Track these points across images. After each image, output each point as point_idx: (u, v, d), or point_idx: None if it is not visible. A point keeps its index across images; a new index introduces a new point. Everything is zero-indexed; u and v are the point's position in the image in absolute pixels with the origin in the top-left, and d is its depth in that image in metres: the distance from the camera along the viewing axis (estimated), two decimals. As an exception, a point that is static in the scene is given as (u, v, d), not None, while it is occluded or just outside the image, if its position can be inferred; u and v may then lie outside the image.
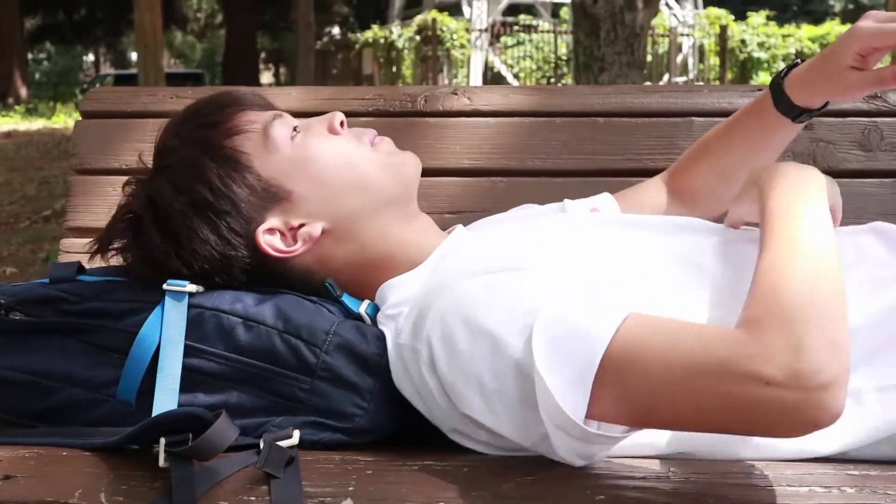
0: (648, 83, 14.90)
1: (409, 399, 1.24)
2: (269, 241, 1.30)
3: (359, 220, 1.33)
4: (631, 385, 1.05)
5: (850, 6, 38.01)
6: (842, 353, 0.99)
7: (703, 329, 1.07)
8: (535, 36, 21.83)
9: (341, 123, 1.36)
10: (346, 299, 1.33)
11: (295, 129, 1.34)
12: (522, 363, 1.09)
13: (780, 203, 1.18)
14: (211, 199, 1.28)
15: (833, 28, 21.80)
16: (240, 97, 1.37)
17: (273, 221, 1.31)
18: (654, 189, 1.65)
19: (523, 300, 1.12)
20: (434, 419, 1.22)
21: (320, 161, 1.32)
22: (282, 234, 1.31)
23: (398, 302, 1.29)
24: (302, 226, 1.31)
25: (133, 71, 24.45)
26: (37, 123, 15.22)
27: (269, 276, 1.32)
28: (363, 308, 1.32)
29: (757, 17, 21.31)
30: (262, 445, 1.12)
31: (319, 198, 1.31)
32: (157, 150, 1.36)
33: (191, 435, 1.10)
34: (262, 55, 37.54)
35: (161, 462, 1.10)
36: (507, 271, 1.19)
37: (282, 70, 42.25)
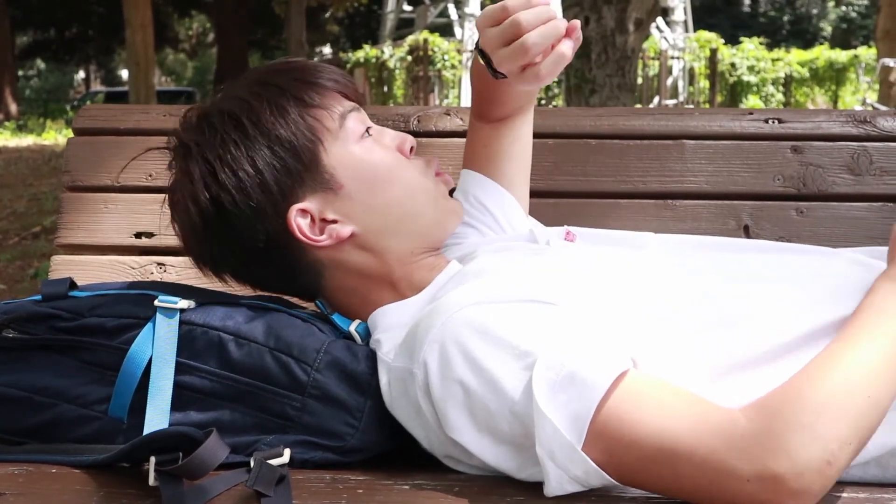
0: (639, 105, 14.95)
1: (404, 423, 1.23)
2: (299, 221, 1.29)
3: (388, 239, 1.33)
4: (619, 448, 1.06)
5: (843, 25, 38.27)
6: (830, 472, 1.00)
7: (701, 407, 1.06)
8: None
9: (410, 149, 1.38)
10: (337, 318, 1.33)
11: (368, 129, 1.35)
12: (519, 405, 1.09)
13: (880, 299, 1.17)
14: (280, 134, 1.28)
15: (822, 52, 21.92)
16: (339, 77, 1.36)
17: (310, 204, 1.30)
18: (487, 138, 1.60)
19: (524, 338, 1.12)
20: (430, 444, 1.22)
21: (382, 173, 1.33)
22: (312, 220, 1.30)
23: (389, 326, 1.29)
24: (335, 222, 1.30)
25: (124, 88, 24.47)
26: (27, 140, 15.17)
27: (281, 252, 1.31)
28: (353, 327, 1.32)
29: (749, 43, 21.42)
30: (252, 464, 1.12)
31: (364, 205, 1.31)
32: (242, 76, 1.36)
33: (181, 454, 1.10)
34: (254, 74, 37.48)
35: (151, 481, 1.10)
36: (509, 302, 1.18)
37: (273, 89, 42.23)
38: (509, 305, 1.17)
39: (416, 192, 1.35)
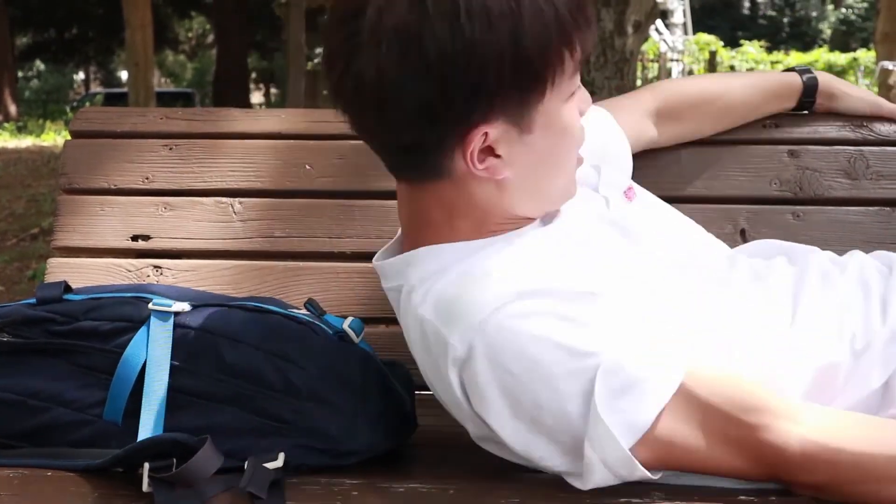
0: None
1: (422, 371, 1.25)
2: (477, 141, 1.14)
3: (522, 198, 1.23)
4: (669, 454, 1.10)
5: (842, 28, 38.29)
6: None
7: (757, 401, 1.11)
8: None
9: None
10: (329, 318, 1.34)
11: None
12: (574, 404, 1.10)
13: None
14: (527, 49, 1.10)
15: (821, 55, 21.94)
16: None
17: (495, 131, 1.14)
18: (639, 115, 1.69)
19: (584, 338, 1.11)
20: (444, 402, 1.23)
21: (567, 143, 1.22)
22: (482, 146, 1.15)
23: (429, 273, 1.22)
24: (499, 157, 1.17)
25: (123, 89, 24.45)
26: (26, 141, 15.19)
27: (432, 145, 1.16)
28: (346, 324, 1.32)
29: (749, 46, 21.46)
30: (246, 467, 1.12)
31: (534, 162, 1.20)
32: None
33: (175, 460, 1.10)
34: (253, 75, 37.61)
35: (145, 487, 1.10)
36: (570, 295, 1.15)
37: (272, 90, 42.33)
38: (569, 298, 1.14)
39: (571, 172, 1.27)
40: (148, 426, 1.21)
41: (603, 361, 1.09)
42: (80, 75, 45.46)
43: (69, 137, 1.89)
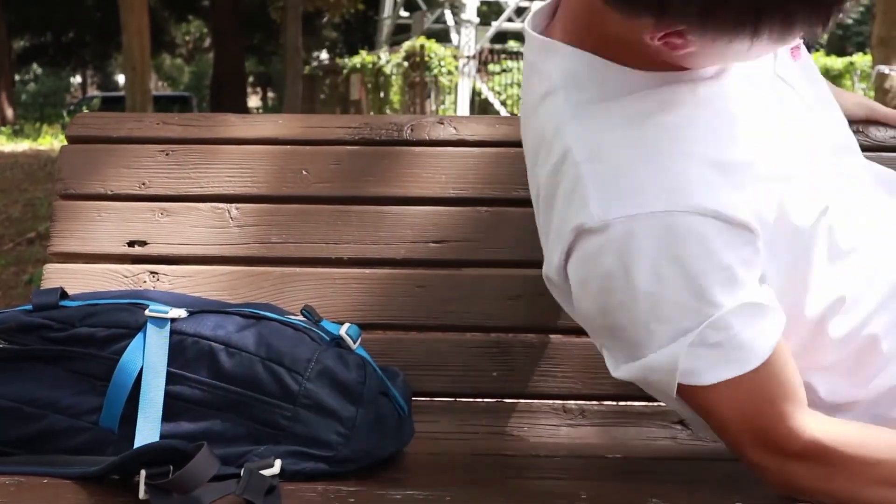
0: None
1: (531, 178, 1.24)
2: (659, 32, 1.03)
3: (695, 58, 1.10)
4: (701, 402, 1.13)
5: (838, 32, 38.33)
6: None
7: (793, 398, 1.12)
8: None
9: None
10: (326, 324, 1.33)
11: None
12: (661, 331, 1.09)
13: None
14: None
15: (818, 59, 21.96)
16: None
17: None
18: None
19: (717, 287, 1.07)
20: (539, 221, 1.23)
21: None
22: (669, 32, 1.03)
23: (585, 85, 1.17)
24: (684, 42, 1.04)
25: (120, 93, 24.46)
26: (22, 145, 15.17)
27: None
28: (344, 330, 1.32)
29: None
30: (242, 473, 1.12)
31: (726, 47, 1.04)
32: None
33: (171, 467, 1.10)
34: (250, 79, 37.62)
35: (141, 494, 1.10)
36: (726, 232, 1.07)
37: (269, 94, 42.37)
38: (727, 231, 1.08)
39: None
40: (144, 433, 1.21)
41: (716, 314, 1.07)
42: (77, 79, 45.45)
43: (66, 142, 1.89)
